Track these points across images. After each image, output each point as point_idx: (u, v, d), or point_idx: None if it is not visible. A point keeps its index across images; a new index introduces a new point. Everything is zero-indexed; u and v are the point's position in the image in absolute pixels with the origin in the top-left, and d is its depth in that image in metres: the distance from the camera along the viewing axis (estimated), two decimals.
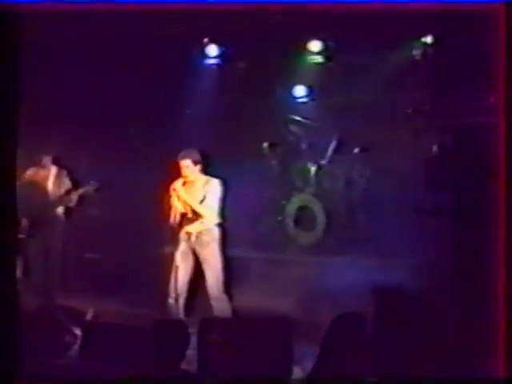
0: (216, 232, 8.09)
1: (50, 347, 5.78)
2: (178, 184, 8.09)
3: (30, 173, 9.00)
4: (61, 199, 8.96)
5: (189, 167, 8.07)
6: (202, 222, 8.05)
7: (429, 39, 7.38)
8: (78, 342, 6.35)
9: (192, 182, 8.10)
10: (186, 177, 8.09)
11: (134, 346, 5.57)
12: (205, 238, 8.06)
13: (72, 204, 8.97)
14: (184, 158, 8.05)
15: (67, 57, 8.70)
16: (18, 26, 4.45)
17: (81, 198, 8.95)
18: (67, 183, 9.07)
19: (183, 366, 4.78)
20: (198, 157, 8.08)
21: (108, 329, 6.36)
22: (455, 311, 6.65)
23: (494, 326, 4.62)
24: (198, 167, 8.11)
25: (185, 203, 8.06)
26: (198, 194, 8.07)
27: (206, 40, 8.25)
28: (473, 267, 6.79)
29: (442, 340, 4.98)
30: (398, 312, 5.71)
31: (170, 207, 8.11)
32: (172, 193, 8.10)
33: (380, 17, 7.15)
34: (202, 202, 8.04)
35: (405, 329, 5.03)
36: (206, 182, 8.11)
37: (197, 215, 8.03)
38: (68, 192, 8.98)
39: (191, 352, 5.25)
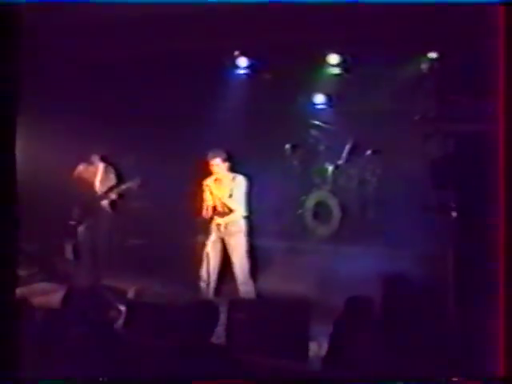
0: (242, 223, 8.13)
1: (98, 321, 5.89)
2: (210, 180, 8.16)
3: (80, 168, 9.12)
4: (106, 193, 9.07)
5: (219, 165, 8.13)
6: (230, 215, 8.10)
7: (434, 55, 7.38)
8: (122, 316, 6.45)
9: (221, 179, 8.17)
10: (216, 174, 8.17)
11: (170, 321, 5.61)
12: (233, 228, 8.11)
13: (114, 197, 9.08)
14: (214, 157, 8.09)
15: (117, 68, 8.83)
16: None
17: (125, 192, 9.06)
18: (112, 178, 9.18)
19: (213, 340, 4.80)
20: (225, 156, 8.15)
21: (148, 306, 6.42)
22: (455, 311, 6.51)
23: (494, 325, 4.35)
24: (226, 165, 8.16)
25: (215, 197, 8.13)
26: (226, 189, 8.12)
27: (237, 53, 8.30)
28: (473, 266, 6.62)
29: (442, 340, 4.81)
30: (403, 300, 5.58)
31: (202, 201, 8.18)
32: (205, 188, 8.17)
33: (392, 34, 7.20)
34: (230, 196, 8.09)
35: (406, 325, 4.90)
36: (233, 179, 8.14)
37: (226, 208, 8.10)
38: (113, 187, 9.06)
39: (220, 328, 5.30)
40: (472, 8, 5.81)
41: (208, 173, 8.19)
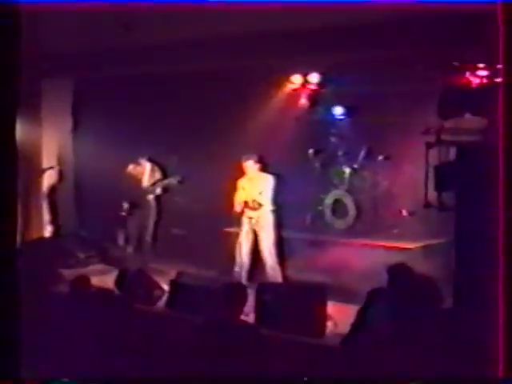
0: (271, 217, 8.16)
1: (145, 298, 5.94)
2: (244, 179, 8.22)
3: (130, 168, 9.22)
4: (150, 188, 9.12)
5: (251, 167, 8.17)
6: (260, 209, 8.11)
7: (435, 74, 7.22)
8: (166, 294, 6.50)
9: (253, 178, 8.21)
10: (249, 173, 8.19)
11: (205, 300, 5.62)
12: (262, 221, 8.14)
13: (158, 192, 9.11)
14: (247, 159, 8.16)
15: (166, 81, 8.79)
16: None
17: (167, 188, 9.09)
18: (158, 176, 9.24)
19: (242, 317, 4.83)
20: (257, 158, 8.18)
21: (187, 286, 6.43)
22: (455, 310, 6.12)
23: (494, 326, 3.90)
24: (258, 166, 8.20)
25: (248, 194, 8.16)
26: (257, 187, 8.16)
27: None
28: (473, 266, 5.96)
29: (441, 340, 4.25)
30: (405, 294, 5.12)
31: (237, 197, 8.21)
32: (239, 186, 8.22)
33: (401, 60, 7.12)
34: (260, 193, 8.11)
35: (405, 323, 4.54)
36: (264, 178, 8.20)
37: (257, 204, 8.11)
38: (156, 182, 9.13)
39: (249, 308, 5.32)
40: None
41: (242, 173, 8.26)
